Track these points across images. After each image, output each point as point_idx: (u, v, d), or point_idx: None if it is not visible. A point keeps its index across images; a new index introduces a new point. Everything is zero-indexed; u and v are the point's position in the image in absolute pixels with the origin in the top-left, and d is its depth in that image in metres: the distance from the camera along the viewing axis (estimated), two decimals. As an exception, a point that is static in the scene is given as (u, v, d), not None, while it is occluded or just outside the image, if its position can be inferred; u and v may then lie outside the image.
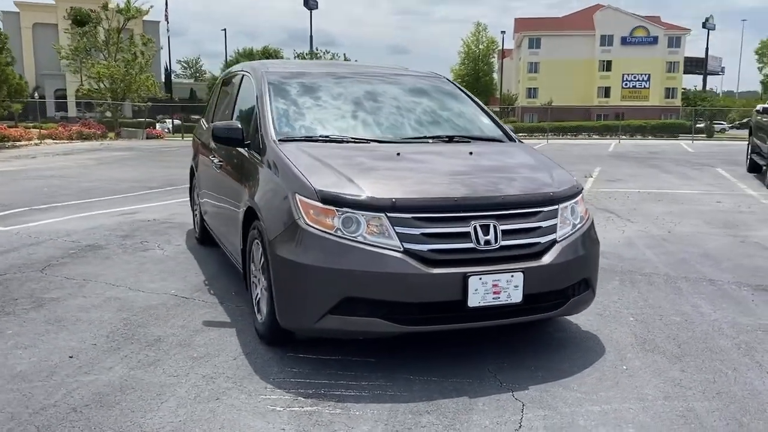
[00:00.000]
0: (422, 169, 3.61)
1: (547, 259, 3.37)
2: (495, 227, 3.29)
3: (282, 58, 61.91)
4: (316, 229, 3.22)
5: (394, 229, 3.17)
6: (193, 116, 40.38)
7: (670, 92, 65.26)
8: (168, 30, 53.98)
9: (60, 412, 2.91)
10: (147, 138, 33.74)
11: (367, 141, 4.06)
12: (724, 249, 6.39)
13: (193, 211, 6.68)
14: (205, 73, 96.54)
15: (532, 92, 67.61)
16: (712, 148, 25.33)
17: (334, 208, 3.22)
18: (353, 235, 3.17)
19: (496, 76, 74.61)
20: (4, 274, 5.21)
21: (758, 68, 77.02)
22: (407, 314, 3.19)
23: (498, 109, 59.79)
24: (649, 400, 3.09)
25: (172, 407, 2.96)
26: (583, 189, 3.86)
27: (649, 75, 63.55)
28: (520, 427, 2.82)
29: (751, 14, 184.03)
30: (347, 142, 4.02)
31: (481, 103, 4.91)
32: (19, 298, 4.59)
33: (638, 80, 64.21)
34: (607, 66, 63.83)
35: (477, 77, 72.83)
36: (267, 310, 3.53)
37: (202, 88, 70.78)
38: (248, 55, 63.80)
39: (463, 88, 5.13)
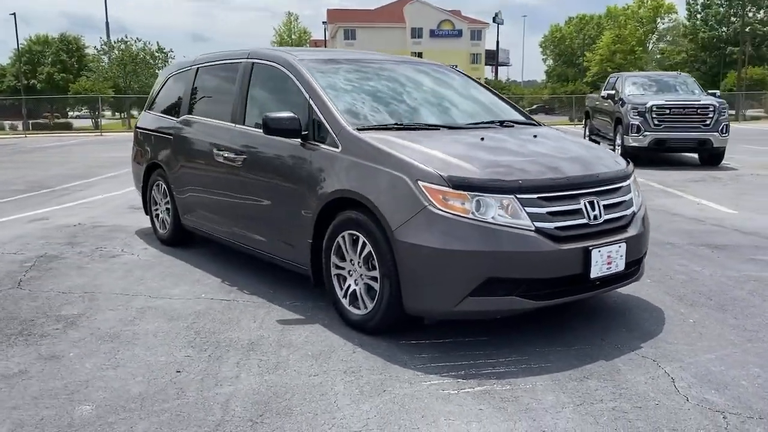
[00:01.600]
0: (512, 152, 3.78)
1: (633, 229, 3.73)
2: (598, 203, 3.58)
3: (84, 46, 56.99)
4: (450, 213, 3.27)
5: (524, 210, 3.33)
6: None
7: (475, 82, 70.12)
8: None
9: (242, 426, 2.71)
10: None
11: (437, 127, 4.13)
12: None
13: (152, 212, 6.17)
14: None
15: (350, 82, 68.95)
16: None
17: (466, 193, 3.29)
18: (486, 217, 3.27)
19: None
20: (-22, 295, 4.50)
21: (542, 60, 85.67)
22: (540, 290, 3.37)
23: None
24: (739, 344, 3.57)
25: (350, 404, 2.88)
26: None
27: (457, 66, 67.31)
28: (673, 379, 3.14)
29: (530, 11, 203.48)
30: (421, 128, 4.06)
31: (493, 90, 5.17)
32: (35, 318, 4.03)
33: (448, 71, 68.11)
34: (418, 57, 66.71)
35: (292, 67, 72.81)
36: (386, 300, 3.49)
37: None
38: (43, 43, 57.87)
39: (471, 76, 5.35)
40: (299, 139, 4.09)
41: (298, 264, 4.20)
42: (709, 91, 14.12)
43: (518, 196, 3.33)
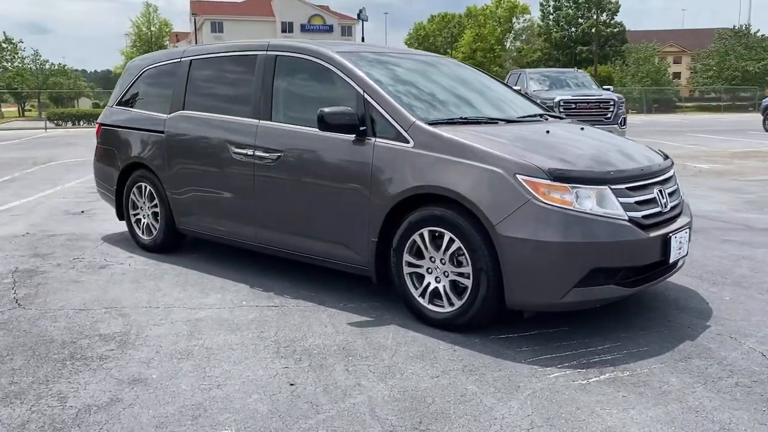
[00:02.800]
0: (579, 145, 3.89)
1: (686, 215, 3.98)
2: (664, 191, 3.78)
3: None
4: (554, 206, 3.31)
5: (618, 200, 3.45)
6: None
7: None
8: None
9: (413, 433, 2.61)
10: None
11: (496, 120, 4.15)
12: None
13: (131, 217, 5.68)
14: None
15: (219, 77, 66.91)
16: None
17: (567, 185, 3.35)
18: (585, 208, 3.36)
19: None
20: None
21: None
22: (631, 277, 3.51)
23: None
24: (785, 318, 3.93)
25: (498, 403, 2.85)
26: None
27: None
28: (762, 353, 3.39)
29: (391, 8, 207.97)
30: (484, 123, 4.06)
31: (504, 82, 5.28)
32: (75, 339, 3.60)
33: (319, 66, 67.92)
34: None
35: (152, 61, 69.63)
36: (482, 295, 3.47)
37: None
38: None
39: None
40: (354, 135, 3.94)
41: (354, 265, 4.06)
42: (604, 87, 15.19)
43: (611, 187, 3.45)
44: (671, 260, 3.63)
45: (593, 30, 62.95)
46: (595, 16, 64.17)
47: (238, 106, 4.71)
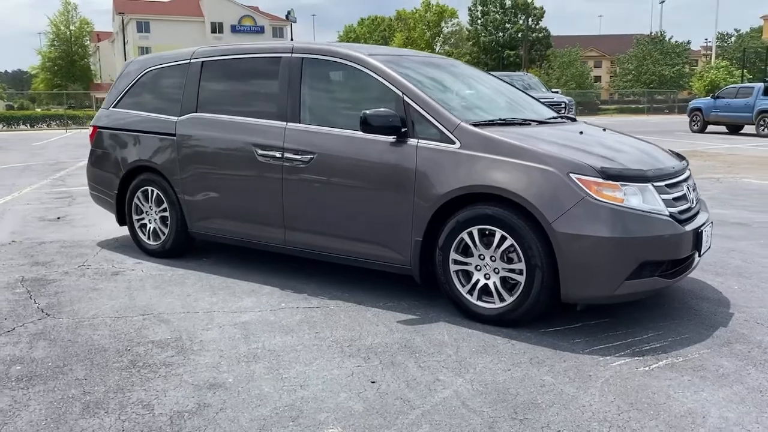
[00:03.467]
0: (613, 145, 4.10)
1: (706, 210, 4.25)
2: (690, 188, 4.04)
3: None
4: (606, 203, 3.50)
5: (660, 197, 3.67)
6: None
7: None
8: None
9: (516, 425, 2.71)
10: None
11: (529, 122, 4.31)
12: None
13: (134, 222, 5.53)
14: None
15: (146, 78, 65.07)
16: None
17: (617, 183, 3.54)
18: (633, 205, 3.56)
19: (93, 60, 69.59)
20: (11, 330, 3.79)
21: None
22: (670, 269, 3.74)
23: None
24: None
25: (578, 392, 3.00)
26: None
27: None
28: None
29: (318, 10, 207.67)
30: (519, 124, 4.20)
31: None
32: (129, 347, 3.52)
33: (250, 67, 67.15)
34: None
35: (71, 61, 67.08)
36: (536, 291, 3.61)
37: None
38: None
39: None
40: (395, 136, 4.02)
41: (394, 264, 4.13)
42: (552, 90, 15.74)
43: (654, 184, 3.66)
44: (701, 253, 3.88)
45: (520, 35, 64.93)
46: (521, 22, 66.19)
47: (261, 108, 4.69)
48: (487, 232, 3.75)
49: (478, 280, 3.83)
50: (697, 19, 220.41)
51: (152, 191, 5.33)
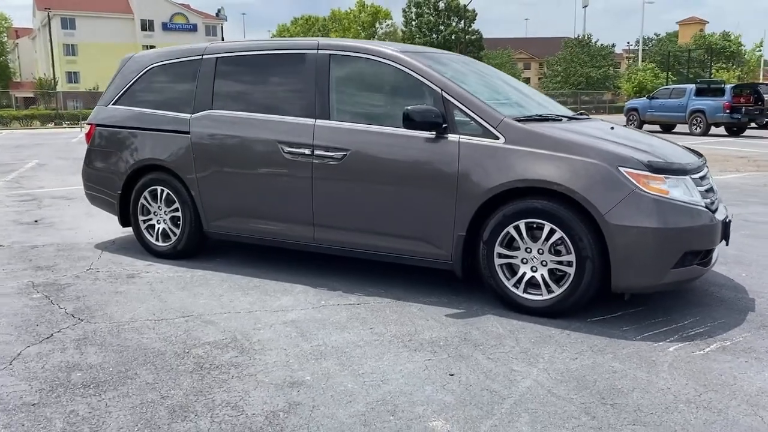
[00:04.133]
0: (645, 140, 4.27)
1: (722, 203, 4.48)
2: (712, 182, 4.26)
3: None
4: (655, 195, 3.64)
5: (697, 189, 3.85)
6: None
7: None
8: None
9: (612, 413, 2.81)
10: None
11: (560, 118, 4.42)
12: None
13: (140, 224, 5.34)
14: None
15: (73, 76, 62.27)
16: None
17: (662, 176, 3.70)
18: (676, 197, 3.72)
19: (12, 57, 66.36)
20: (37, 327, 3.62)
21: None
22: (704, 258, 3.93)
23: (33, 95, 53.54)
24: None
25: (649, 376, 3.11)
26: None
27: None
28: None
29: (248, 9, 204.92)
30: (552, 120, 4.31)
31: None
32: (186, 349, 3.42)
33: (182, 66, 65.50)
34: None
35: (-11, 58, 63.91)
36: (586, 281, 3.71)
37: None
38: None
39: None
40: (435, 132, 4.06)
41: (434, 259, 4.17)
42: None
43: (691, 176, 3.84)
44: (727, 243, 4.09)
45: (453, 37, 65.90)
46: (454, 24, 67.20)
47: (285, 105, 4.63)
48: (534, 226, 3.83)
49: (524, 273, 3.91)
50: (617, 24, 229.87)
51: (162, 191, 5.17)
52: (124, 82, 5.50)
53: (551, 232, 3.78)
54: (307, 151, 4.43)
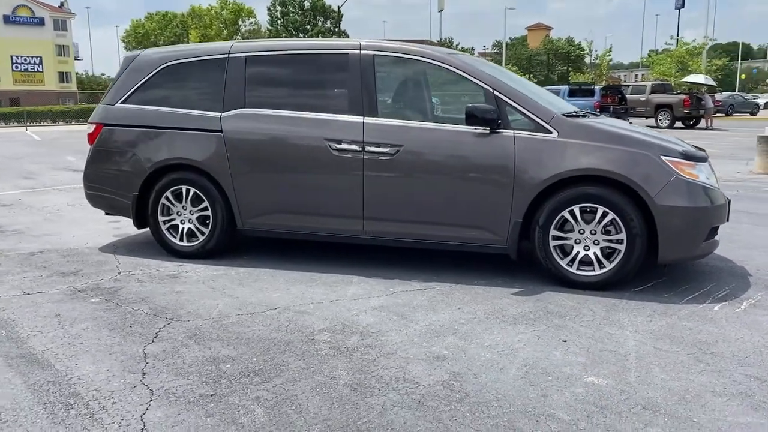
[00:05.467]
0: (658, 134, 4.90)
1: (709, 187, 5.24)
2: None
3: None
4: (690, 180, 4.27)
5: (713, 174, 4.54)
6: None
7: (64, 76, 63.70)
8: None
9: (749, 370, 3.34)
10: None
11: (586, 114, 4.94)
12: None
13: (161, 224, 5.23)
14: None
15: None
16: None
17: (693, 163, 4.34)
18: (703, 180, 4.37)
19: None
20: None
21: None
22: (717, 233, 4.63)
23: None
24: None
25: (718, 330, 3.71)
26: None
27: (41, 57, 60.56)
28: (797, 278, 4.75)
29: (92, 3, 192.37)
30: (582, 116, 4.82)
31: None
32: (290, 341, 3.55)
33: (30, 63, 60.34)
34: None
35: None
36: (636, 257, 4.26)
37: None
38: None
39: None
40: (489, 128, 4.44)
41: (489, 245, 4.55)
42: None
43: (708, 163, 4.52)
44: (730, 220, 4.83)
45: (320, 36, 66.22)
46: (320, 23, 67.58)
47: (328, 103, 4.81)
48: (588, 209, 4.33)
49: (578, 252, 4.39)
50: (470, 28, 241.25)
51: (187, 190, 5.12)
52: (133, 81, 5.36)
53: (604, 214, 4.29)
54: (357, 147, 4.63)
